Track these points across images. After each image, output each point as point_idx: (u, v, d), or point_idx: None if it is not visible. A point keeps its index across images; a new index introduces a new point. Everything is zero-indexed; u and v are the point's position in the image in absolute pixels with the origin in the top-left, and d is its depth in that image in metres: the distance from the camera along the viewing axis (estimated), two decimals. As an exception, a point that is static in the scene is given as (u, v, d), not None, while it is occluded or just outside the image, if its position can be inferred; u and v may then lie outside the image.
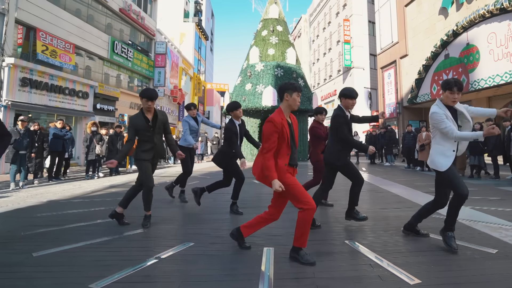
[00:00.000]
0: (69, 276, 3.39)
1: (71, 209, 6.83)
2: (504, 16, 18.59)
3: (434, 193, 4.28)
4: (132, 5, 28.02)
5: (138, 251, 4.14)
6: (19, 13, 16.83)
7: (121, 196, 5.78)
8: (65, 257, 3.92)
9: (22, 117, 11.29)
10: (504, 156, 11.94)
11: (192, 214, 6.37)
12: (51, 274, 3.45)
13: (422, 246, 4.21)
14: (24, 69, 16.99)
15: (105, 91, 24.08)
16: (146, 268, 3.52)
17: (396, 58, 29.87)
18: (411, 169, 16.13)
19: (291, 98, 3.88)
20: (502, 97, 21.81)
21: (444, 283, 3.03)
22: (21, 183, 10.57)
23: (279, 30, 23.94)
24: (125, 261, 3.70)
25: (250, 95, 21.85)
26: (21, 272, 3.42)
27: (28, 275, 3.39)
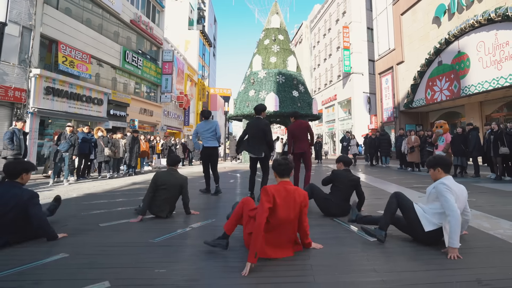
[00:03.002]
0: (131, 236, 4.77)
1: (108, 199, 8.15)
2: (491, 26, 19.59)
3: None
4: (142, 16, 29.26)
5: (172, 223, 5.47)
6: (44, 28, 18.16)
7: (144, 190, 7.56)
8: (123, 226, 5.32)
9: (69, 124, 13.10)
10: (484, 157, 13.13)
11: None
12: (117, 234, 4.87)
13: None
14: (48, 79, 18.18)
15: (117, 97, 25.20)
16: (183, 233, 4.91)
17: (393, 64, 30.76)
18: (403, 170, 17.22)
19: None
20: (492, 101, 22.69)
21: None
22: (65, 180, 12.11)
23: (280, 39, 25.02)
24: (166, 228, 5.07)
25: (253, 101, 22.80)
26: (94, 236, 4.72)
27: (100, 235, 4.79)
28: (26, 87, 16.86)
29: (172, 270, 3.39)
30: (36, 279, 3.19)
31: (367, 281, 3.13)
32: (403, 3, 29.27)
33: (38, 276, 3.27)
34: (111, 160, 15.04)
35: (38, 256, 3.79)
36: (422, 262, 3.63)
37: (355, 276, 3.26)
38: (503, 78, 18.55)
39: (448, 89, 23.12)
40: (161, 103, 33.99)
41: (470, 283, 3.04)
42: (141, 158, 18.10)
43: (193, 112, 46.04)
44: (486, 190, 9.31)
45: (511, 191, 9.00)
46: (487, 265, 3.52)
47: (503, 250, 4.03)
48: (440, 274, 3.27)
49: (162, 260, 3.71)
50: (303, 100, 23.37)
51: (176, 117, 38.92)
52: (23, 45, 16.82)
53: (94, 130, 15.12)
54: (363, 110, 38.40)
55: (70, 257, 3.80)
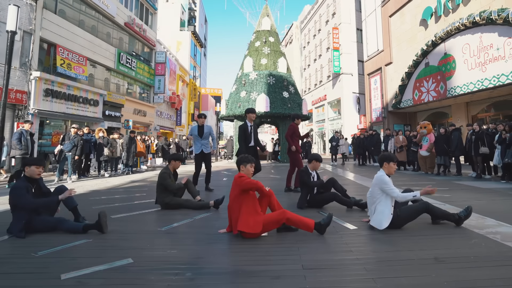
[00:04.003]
0: (141, 225, 5.50)
1: (112, 195, 8.79)
2: (476, 29, 20.12)
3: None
4: (135, 19, 29.87)
5: (176, 215, 6.01)
6: (43, 32, 18.79)
7: (143, 187, 8.74)
8: (131, 218, 5.98)
9: (74, 125, 13.70)
10: (466, 156, 13.62)
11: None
12: (129, 224, 5.58)
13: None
14: (47, 81, 18.86)
15: (112, 98, 25.78)
16: (186, 223, 5.55)
17: (382, 65, 31.26)
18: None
19: (245, 169, 4.92)
20: (478, 102, 23.20)
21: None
22: (68, 178, 12.88)
23: (271, 41, 25.46)
24: (171, 219, 5.69)
25: (244, 101, 23.26)
26: (109, 226, 5.15)
27: (114, 225, 5.37)
28: (26, 89, 17.54)
29: (181, 251, 4.08)
30: (71, 256, 3.92)
31: (343, 258, 3.78)
32: (391, 5, 29.73)
33: (72, 254, 4.01)
34: (109, 160, 15.71)
35: (66, 240, 4.49)
36: (391, 245, 4.27)
37: (334, 255, 3.93)
38: (487, 80, 19.03)
39: (435, 90, 23.64)
40: (154, 103, 34.48)
41: (428, 259, 3.66)
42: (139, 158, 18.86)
43: (185, 112, 46.43)
44: (464, 187, 9.84)
45: (487, 188, 9.60)
46: (446, 247, 4.12)
47: (463, 235, 4.65)
48: (404, 254, 3.91)
49: (172, 244, 4.45)
50: (293, 100, 23.78)
51: (168, 117, 39.43)
52: (24, 49, 17.55)
53: (96, 130, 15.74)
54: (353, 110, 38.78)
55: (93, 242, 4.49)
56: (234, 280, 3.20)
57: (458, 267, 3.43)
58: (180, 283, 3.11)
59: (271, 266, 3.55)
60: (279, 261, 3.72)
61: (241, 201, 4.60)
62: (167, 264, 3.62)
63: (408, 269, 3.40)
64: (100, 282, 3.14)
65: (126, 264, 3.58)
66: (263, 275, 3.28)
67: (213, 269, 3.48)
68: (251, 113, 8.88)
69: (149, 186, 10.99)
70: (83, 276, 3.25)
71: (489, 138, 12.15)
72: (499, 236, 4.49)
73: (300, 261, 3.66)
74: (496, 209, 6.24)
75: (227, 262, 3.76)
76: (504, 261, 3.58)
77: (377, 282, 3.06)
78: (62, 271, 3.35)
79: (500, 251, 3.93)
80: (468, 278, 3.12)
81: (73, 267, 3.47)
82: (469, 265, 3.49)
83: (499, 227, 4.99)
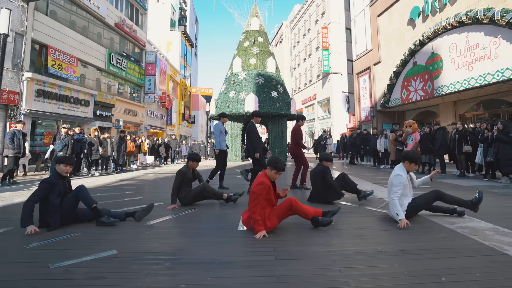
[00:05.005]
0: (129, 220, 5.62)
1: (102, 193, 9.00)
2: (463, 29, 20.34)
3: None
4: (126, 19, 30.01)
5: (163, 212, 6.20)
6: (35, 33, 18.96)
7: (132, 186, 9.22)
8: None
9: (65, 125, 14.02)
10: (450, 154, 13.85)
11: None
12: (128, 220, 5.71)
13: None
14: (39, 82, 19.02)
15: (103, 99, 25.87)
16: (172, 219, 5.76)
17: (370, 65, 31.52)
18: (375, 167, 17.96)
19: (270, 172, 4.93)
20: (465, 101, 23.48)
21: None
22: None
23: (260, 41, 25.54)
24: (157, 215, 5.85)
25: (233, 101, 23.37)
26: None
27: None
28: (19, 90, 17.71)
29: (164, 244, 4.34)
30: (60, 248, 4.18)
31: (315, 250, 4.02)
32: (379, 5, 29.97)
33: (61, 246, 4.27)
34: (99, 158, 15.99)
35: (56, 234, 4.81)
36: (362, 239, 4.49)
37: (307, 247, 4.16)
38: (474, 79, 19.27)
39: (423, 89, 23.90)
40: (145, 103, 34.61)
41: (395, 252, 3.90)
42: (128, 157, 18.98)
43: (176, 112, 46.53)
44: (446, 185, 10.00)
45: (467, 186, 9.78)
46: (414, 241, 4.34)
47: (433, 230, 4.87)
48: (373, 247, 4.12)
49: (156, 237, 4.68)
50: (281, 100, 23.91)
51: (159, 117, 39.56)
52: (16, 50, 17.69)
53: (91, 129, 16.04)
54: (342, 109, 38.98)
55: (82, 235, 4.77)
56: (209, 269, 3.40)
57: (421, 258, 3.65)
58: (159, 271, 3.35)
59: (246, 257, 3.80)
60: (254, 253, 3.97)
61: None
62: (149, 255, 3.86)
63: (373, 260, 3.63)
64: (86, 270, 3.39)
65: (111, 255, 3.84)
66: (237, 265, 3.52)
67: (191, 260, 3.71)
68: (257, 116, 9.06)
69: (138, 184, 11.19)
70: (70, 266, 3.51)
71: (472, 136, 12.37)
72: (467, 231, 4.71)
73: (274, 253, 3.90)
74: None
75: (205, 253, 3.95)
76: (465, 253, 3.82)
77: (342, 271, 3.28)
78: (51, 261, 3.62)
79: (465, 244, 4.16)
80: (428, 268, 3.34)
81: (61, 258, 3.73)
82: (432, 256, 3.71)
83: (470, 222, 5.20)
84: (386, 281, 3.05)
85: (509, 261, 3.48)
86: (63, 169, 5.37)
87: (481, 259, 3.56)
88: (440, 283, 2.96)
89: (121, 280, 3.17)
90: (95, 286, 3.06)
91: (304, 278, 3.13)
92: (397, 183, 5.26)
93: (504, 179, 10.58)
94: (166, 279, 3.15)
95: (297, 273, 3.26)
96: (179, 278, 3.16)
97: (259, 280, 3.13)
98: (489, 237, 4.37)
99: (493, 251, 3.82)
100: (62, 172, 5.38)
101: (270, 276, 3.18)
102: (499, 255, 3.68)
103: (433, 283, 2.96)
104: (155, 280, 3.14)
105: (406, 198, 5.34)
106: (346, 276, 3.15)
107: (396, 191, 5.21)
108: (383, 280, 3.07)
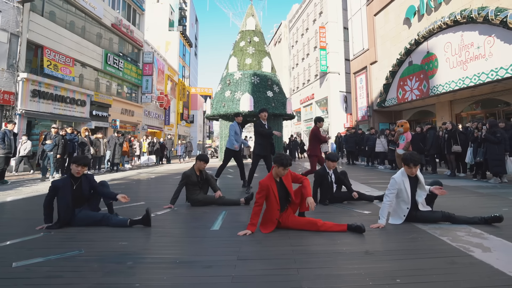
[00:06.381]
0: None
1: None
2: (457, 28, 20.24)
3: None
4: (122, 20, 30.11)
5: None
6: (30, 34, 19.06)
7: (120, 185, 9.21)
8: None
9: (54, 125, 14.21)
10: (440, 154, 13.85)
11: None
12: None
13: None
14: (34, 82, 19.15)
15: (99, 99, 26.00)
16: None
17: (367, 64, 31.33)
18: (369, 167, 17.95)
19: (277, 169, 4.95)
20: (461, 101, 23.39)
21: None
22: (50, 177, 13.36)
23: (255, 41, 25.61)
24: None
25: (229, 101, 23.45)
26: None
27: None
28: (14, 90, 17.83)
29: (132, 243, 4.39)
30: (29, 247, 4.23)
31: (279, 250, 4.07)
32: (376, 4, 29.85)
33: (31, 245, 4.33)
34: (92, 158, 16.07)
35: (29, 233, 4.87)
36: (330, 239, 4.50)
37: (271, 248, 4.21)
38: (468, 78, 19.18)
39: (418, 89, 23.84)
40: (142, 103, 34.68)
41: (359, 253, 3.91)
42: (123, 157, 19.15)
43: (174, 111, 46.61)
44: (434, 185, 9.97)
45: (454, 186, 9.74)
46: (382, 242, 4.41)
47: (405, 231, 4.87)
48: (339, 247, 4.14)
49: (127, 236, 4.73)
50: (277, 100, 23.95)
51: (156, 117, 39.66)
52: (11, 50, 17.83)
53: (82, 129, 16.06)
54: (340, 109, 38.76)
55: (54, 235, 4.84)
56: (168, 268, 3.44)
57: (383, 259, 3.68)
58: (119, 270, 3.39)
59: (209, 257, 3.82)
60: (219, 252, 3.99)
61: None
62: (115, 254, 3.91)
63: (335, 261, 3.65)
64: (47, 269, 3.45)
65: (76, 254, 3.89)
66: (197, 264, 3.55)
67: (154, 259, 3.74)
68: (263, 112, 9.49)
69: (126, 184, 11.26)
70: (33, 264, 3.56)
71: (463, 136, 12.37)
72: (439, 232, 4.71)
73: (238, 253, 3.92)
74: (452, 206, 6.35)
75: (170, 253, 4.00)
76: (428, 254, 3.83)
77: (300, 272, 3.31)
78: (16, 260, 3.67)
79: (432, 244, 4.17)
80: (387, 269, 3.35)
81: (27, 257, 3.78)
82: (395, 257, 3.74)
83: (444, 223, 5.19)
84: (340, 282, 3.07)
85: (470, 263, 3.49)
86: (75, 170, 5.36)
87: (442, 261, 3.56)
88: (394, 285, 2.97)
89: (77, 279, 3.20)
90: (50, 285, 3.09)
91: (259, 279, 3.16)
92: (389, 186, 5.25)
93: (493, 179, 10.58)
94: (122, 279, 3.17)
95: (254, 273, 3.29)
96: (136, 278, 3.20)
97: (213, 280, 3.16)
98: (459, 238, 4.38)
99: (458, 252, 3.83)
100: (74, 173, 5.38)
101: (226, 276, 3.20)
102: (462, 256, 3.69)
103: (387, 284, 2.98)
104: (111, 280, 3.16)
105: (404, 204, 5.23)
106: (301, 277, 3.17)
107: (388, 194, 5.21)
108: (338, 281, 3.09)
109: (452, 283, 3.01)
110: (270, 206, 4.90)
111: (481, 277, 3.11)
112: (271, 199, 4.87)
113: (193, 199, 6.99)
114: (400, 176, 5.24)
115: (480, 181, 10.92)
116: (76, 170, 5.36)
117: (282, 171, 4.93)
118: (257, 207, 4.83)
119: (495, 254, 3.70)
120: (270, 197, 4.87)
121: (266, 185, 4.84)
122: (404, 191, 5.17)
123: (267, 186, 4.84)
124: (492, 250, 3.86)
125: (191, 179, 6.96)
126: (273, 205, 4.88)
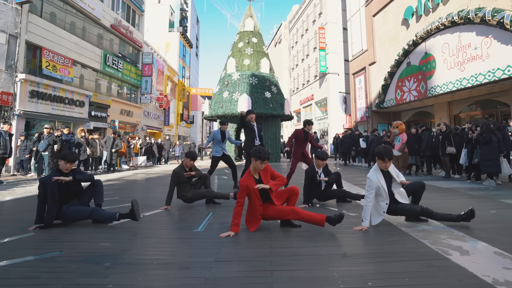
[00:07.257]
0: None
1: None
2: (455, 29, 20.25)
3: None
4: (122, 21, 30.25)
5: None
6: (29, 35, 19.20)
7: (114, 186, 9.20)
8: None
9: (47, 126, 14.27)
10: (434, 156, 13.82)
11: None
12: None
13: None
14: (33, 83, 19.32)
15: (98, 99, 26.19)
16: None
17: (366, 65, 31.28)
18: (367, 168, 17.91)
19: (255, 163, 4.98)
20: (459, 102, 23.36)
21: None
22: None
23: (254, 41, 25.65)
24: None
25: (227, 102, 23.50)
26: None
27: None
28: (12, 91, 17.98)
29: (114, 244, 4.40)
30: (11, 248, 4.28)
31: (259, 251, 4.12)
32: (374, 5, 29.85)
33: (13, 246, 4.38)
34: (89, 159, 16.23)
35: (14, 233, 4.92)
36: (311, 241, 4.51)
37: (250, 250, 4.23)
38: (466, 79, 19.17)
39: (416, 90, 23.83)
40: (141, 104, 34.72)
41: (336, 255, 3.91)
42: (120, 157, 19.20)
43: (173, 112, 46.68)
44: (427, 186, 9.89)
45: (446, 188, 9.76)
46: (362, 244, 4.42)
47: (387, 233, 4.87)
48: (317, 249, 4.14)
49: (110, 237, 4.76)
50: (275, 101, 23.96)
51: (156, 117, 39.72)
52: (10, 51, 18.00)
53: (78, 130, 16.24)
54: (339, 109, 38.69)
55: (39, 235, 4.89)
56: (144, 270, 3.46)
57: (359, 262, 3.70)
58: (96, 271, 3.41)
59: (187, 258, 3.86)
60: (197, 254, 4.02)
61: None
62: (95, 255, 3.93)
63: (311, 263, 3.65)
64: (25, 270, 3.47)
65: (56, 255, 3.91)
66: (175, 266, 3.59)
67: (132, 260, 3.77)
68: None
69: (120, 185, 11.28)
70: (11, 265, 3.58)
71: (458, 138, 12.36)
72: (421, 234, 4.70)
73: (216, 254, 3.93)
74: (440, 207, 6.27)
75: (149, 254, 4.04)
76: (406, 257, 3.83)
77: (274, 274, 3.34)
78: None
79: (411, 247, 4.16)
80: (361, 272, 3.37)
81: (7, 257, 3.79)
82: (371, 260, 3.76)
83: (427, 225, 5.20)
84: (313, 285, 3.08)
85: (446, 266, 3.49)
86: (64, 166, 5.38)
87: (418, 264, 3.57)
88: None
89: (53, 280, 3.22)
90: (26, 285, 3.12)
91: (233, 280, 3.19)
92: (367, 187, 5.25)
93: (488, 181, 10.55)
94: (97, 280, 3.19)
95: (228, 275, 3.31)
96: (110, 279, 3.21)
97: (187, 281, 3.19)
98: (440, 240, 4.37)
99: (436, 255, 3.83)
100: (63, 169, 5.40)
101: (200, 278, 3.22)
102: (440, 259, 3.69)
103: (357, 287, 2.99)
104: (86, 281, 3.18)
105: (382, 200, 5.24)
106: (274, 279, 3.19)
107: (368, 196, 5.18)
108: (311, 284, 3.10)
109: (423, 286, 3.02)
110: (253, 203, 4.97)
111: (454, 281, 3.12)
112: (252, 196, 4.92)
113: (183, 195, 7.04)
114: (374, 173, 5.28)
115: (474, 183, 10.87)
116: (64, 167, 5.37)
117: (259, 165, 4.96)
118: (239, 207, 4.82)
119: (472, 258, 3.70)
120: (251, 195, 4.91)
121: (245, 185, 4.87)
122: (382, 188, 5.21)
123: (247, 186, 4.87)
124: (471, 253, 3.85)
125: (181, 176, 7.00)
126: (255, 202, 4.94)
